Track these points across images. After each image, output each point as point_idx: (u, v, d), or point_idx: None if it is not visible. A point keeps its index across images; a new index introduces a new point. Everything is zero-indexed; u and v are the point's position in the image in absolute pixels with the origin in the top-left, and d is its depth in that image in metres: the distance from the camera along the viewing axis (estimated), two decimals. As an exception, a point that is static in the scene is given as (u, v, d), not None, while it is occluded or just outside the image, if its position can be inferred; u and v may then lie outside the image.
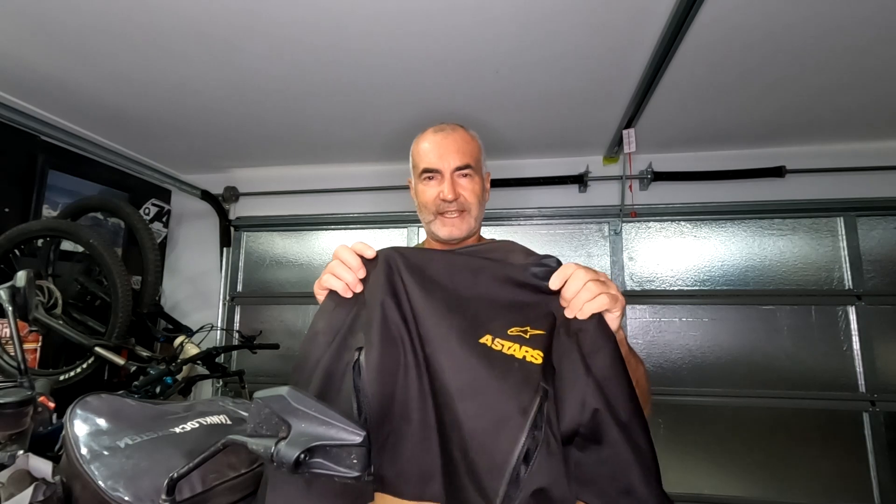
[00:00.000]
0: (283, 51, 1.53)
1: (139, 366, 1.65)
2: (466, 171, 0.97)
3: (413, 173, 1.04)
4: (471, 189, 0.98)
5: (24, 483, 0.55)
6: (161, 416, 0.62)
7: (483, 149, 1.03)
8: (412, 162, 1.04)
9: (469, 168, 0.97)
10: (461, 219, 0.98)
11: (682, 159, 2.37)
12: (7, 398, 0.61)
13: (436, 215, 0.99)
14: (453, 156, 0.96)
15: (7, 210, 1.95)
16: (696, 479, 2.18)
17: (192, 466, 0.48)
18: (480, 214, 1.01)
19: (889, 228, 2.22)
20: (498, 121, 2.05)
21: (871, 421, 2.08)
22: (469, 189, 0.97)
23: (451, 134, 0.99)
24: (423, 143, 1.00)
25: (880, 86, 1.71)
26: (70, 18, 1.38)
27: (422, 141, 1.01)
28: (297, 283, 2.71)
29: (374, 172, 2.64)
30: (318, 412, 0.46)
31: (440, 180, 0.97)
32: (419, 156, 1.00)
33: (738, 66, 1.58)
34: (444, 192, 0.96)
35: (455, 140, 0.98)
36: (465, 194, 0.97)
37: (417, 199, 1.03)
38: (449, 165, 0.96)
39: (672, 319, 2.32)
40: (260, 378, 2.56)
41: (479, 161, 1.00)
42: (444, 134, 0.99)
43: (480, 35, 1.44)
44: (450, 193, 0.95)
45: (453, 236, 0.98)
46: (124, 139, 2.32)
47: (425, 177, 0.99)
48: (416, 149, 1.03)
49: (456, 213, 0.97)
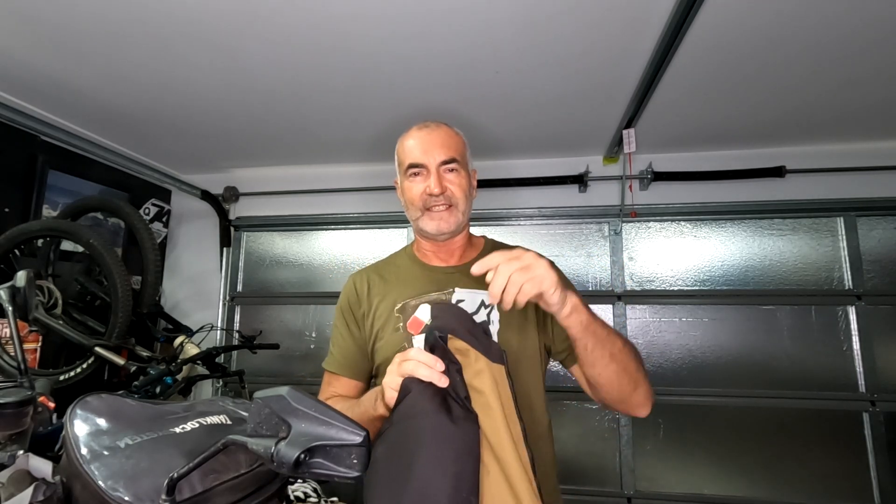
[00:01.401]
0: (283, 51, 1.53)
1: (139, 366, 1.65)
2: (452, 166, 0.96)
3: (399, 171, 1.03)
4: (458, 183, 0.97)
5: (24, 483, 0.55)
6: (161, 416, 0.61)
7: (468, 146, 1.03)
8: (397, 160, 1.03)
9: (455, 162, 0.96)
10: (449, 213, 0.97)
11: (682, 159, 2.37)
12: (7, 398, 0.61)
13: (423, 211, 0.98)
14: (438, 150, 0.96)
15: (7, 210, 1.95)
16: (696, 479, 2.18)
17: (192, 466, 0.47)
18: (468, 209, 1.01)
19: (889, 228, 2.22)
20: (498, 121, 2.06)
21: (871, 421, 2.08)
22: (456, 183, 0.97)
23: (435, 130, 0.99)
24: (408, 141, 0.99)
25: (880, 86, 1.71)
26: (70, 18, 1.38)
27: (406, 138, 1.00)
28: (297, 283, 2.71)
29: (375, 172, 2.64)
30: (318, 412, 0.46)
31: (426, 175, 0.96)
32: (404, 153, 1.00)
33: (738, 66, 1.58)
34: (430, 187, 0.95)
35: (440, 135, 0.98)
36: (451, 188, 0.96)
37: (404, 196, 1.03)
38: (434, 160, 0.95)
39: (672, 319, 2.32)
40: (260, 378, 2.56)
41: (464, 156, 1.00)
42: (429, 130, 0.98)
43: (480, 36, 1.44)
44: (436, 187, 0.94)
45: (441, 231, 0.98)
46: (124, 139, 2.32)
47: (411, 173, 0.98)
48: (400, 147, 1.02)
49: (444, 206, 0.96)
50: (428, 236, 1.02)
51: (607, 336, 0.80)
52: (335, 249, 2.70)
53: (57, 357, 2.03)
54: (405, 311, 0.96)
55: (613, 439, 2.26)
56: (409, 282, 1.01)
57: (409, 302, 0.97)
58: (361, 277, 1.07)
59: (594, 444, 2.28)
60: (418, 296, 0.97)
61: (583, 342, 0.79)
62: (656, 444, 2.24)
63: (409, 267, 1.06)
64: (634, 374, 0.83)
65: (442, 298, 0.95)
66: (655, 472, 2.22)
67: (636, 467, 2.22)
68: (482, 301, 0.95)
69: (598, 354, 0.80)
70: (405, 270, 1.05)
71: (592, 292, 2.37)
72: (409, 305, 0.96)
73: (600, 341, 0.79)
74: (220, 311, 2.72)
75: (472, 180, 1.03)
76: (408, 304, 0.97)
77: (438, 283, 0.99)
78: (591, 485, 2.24)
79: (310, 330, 2.64)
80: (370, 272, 1.09)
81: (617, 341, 0.82)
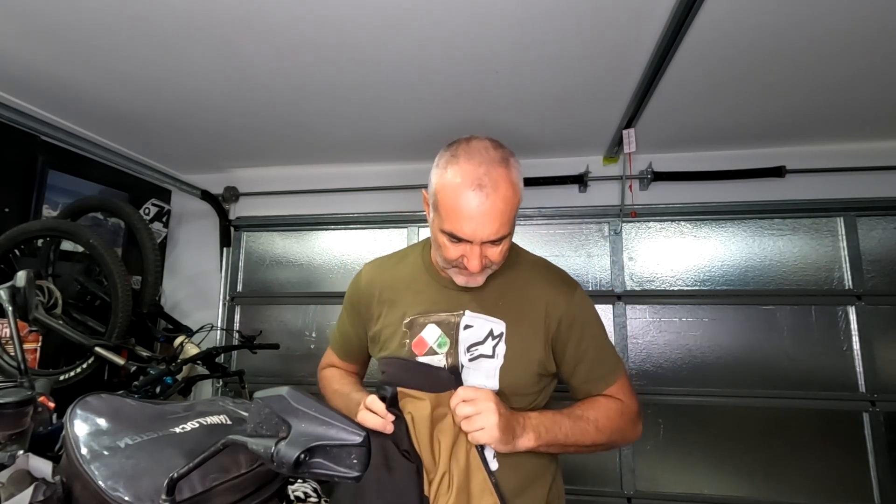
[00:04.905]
0: (283, 50, 1.53)
1: (139, 366, 1.65)
2: (497, 242, 0.85)
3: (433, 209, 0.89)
4: (500, 252, 0.87)
5: (24, 483, 0.55)
6: (161, 416, 0.61)
7: (522, 190, 0.88)
8: (435, 198, 0.86)
9: (504, 239, 0.85)
10: (483, 275, 0.90)
11: (682, 159, 2.37)
12: (7, 398, 0.61)
13: (453, 266, 0.90)
14: (489, 228, 0.81)
15: (7, 210, 1.95)
16: (696, 479, 2.18)
17: (192, 466, 0.48)
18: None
19: (889, 228, 2.22)
20: (498, 121, 2.05)
21: (871, 421, 2.08)
22: (498, 252, 0.87)
23: (492, 198, 0.80)
24: (457, 199, 0.81)
25: (880, 86, 1.71)
26: (70, 18, 1.38)
27: (455, 191, 0.81)
28: (297, 283, 2.71)
29: (375, 172, 2.64)
30: (318, 412, 0.46)
31: (466, 247, 0.85)
32: (447, 210, 0.83)
33: (738, 65, 1.58)
34: (469, 261, 0.85)
35: (496, 206, 0.80)
36: (492, 258, 0.87)
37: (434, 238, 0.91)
38: (482, 238, 0.83)
39: (672, 319, 2.32)
40: (260, 378, 2.56)
41: (514, 219, 0.86)
42: (484, 197, 0.80)
43: (480, 35, 1.44)
44: (476, 264, 0.84)
45: (470, 285, 0.91)
46: (124, 139, 2.32)
47: (450, 237, 0.85)
48: (443, 193, 0.83)
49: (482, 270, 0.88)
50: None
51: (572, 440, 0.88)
52: (335, 249, 2.70)
53: (57, 357, 2.03)
54: (413, 327, 0.95)
55: (613, 439, 2.26)
56: (421, 294, 0.98)
57: (418, 319, 0.95)
58: (372, 275, 1.06)
59: (594, 444, 2.28)
60: (427, 313, 0.95)
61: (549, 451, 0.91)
62: (656, 444, 2.24)
63: (422, 277, 1.01)
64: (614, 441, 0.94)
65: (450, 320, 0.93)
66: (655, 472, 2.22)
67: (636, 467, 2.22)
68: (491, 331, 0.92)
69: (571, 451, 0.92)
70: (418, 280, 1.00)
71: (592, 292, 2.37)
72: (416, 323, 0.95)
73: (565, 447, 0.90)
74: (220, 311, 2.72)
75: None
76: (416, 322, 0.95)
77: (450, 302, 0.95)
78: (591, 485, 2.24)
79: (310, 330, 2.64)
80: (383, 271, 1.06)
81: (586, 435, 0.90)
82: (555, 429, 0.86)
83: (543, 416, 0.88)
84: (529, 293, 0.96)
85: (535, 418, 0.86)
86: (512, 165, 0.86)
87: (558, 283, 0.98)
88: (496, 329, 0.92)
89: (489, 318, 0.93)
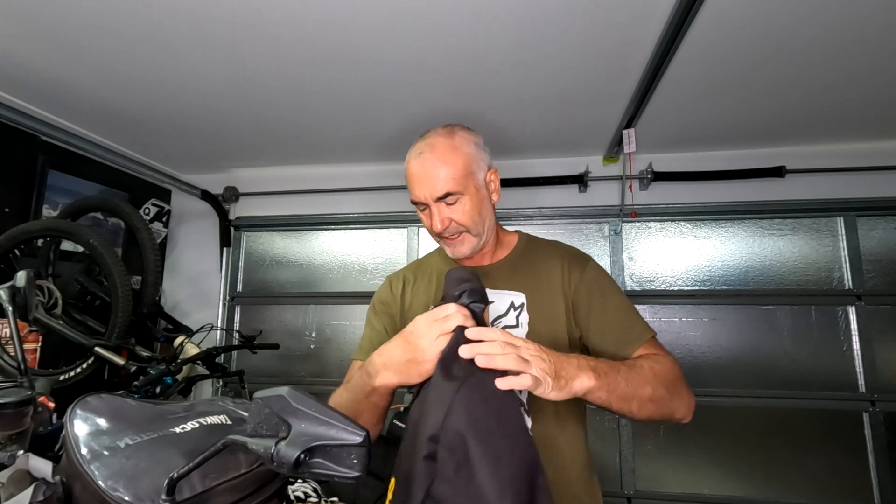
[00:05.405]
0: (283, 50, 1.53)
1: (139, 366, 1.65)
2: (450, 199, 0.92)
3: None
4: (461, 211, 0.93)
5: (24, 483, 0.55)
6: (161, 416, 0.61)
7: (478, 149, 0.96)
8: None
9: (451, 195, 0.91)
10: (461, 240, 0.96)
11: (682, 159, 2.37)
12: (7, 398, 0.61)
13: (438, 238, 0.99)
14: (433, 185, 0.91)
15: (7, 210, 1.95)
16: (696, 479, 2.18)
17: (192, 466, 0.47)
18: (485, 223, 0.97)
19: (889, 228, 2.22)
20: (497, 121, 2.05)
21: (871, 421, 2.08)
22: (459, 212, 0.93)
23: (428, 157, 0.91)
24: (408, 170, 0.96)
25: (880, 85, 1.71)
26: (70, 18, 1.38)
27: (407, 162, 0.96)
28: (297, 283, 2.71)
29: (374, 172, 2.64)
30: (318, 412, 0.46)
31: (429, 211, 0.95)
32: (407, 181, 0.97)
33: (738, 65, 1.58)
34: (434, 224, 0.94)
35: (434, 165, 0.90)
36: (454, 218, 0.93)
37: None
38: (430, 196, 0.92)
39: (672, 319, 2.32)
40: (260, 378, 2.56)
41: (465, 177, 0.92)
42: (423, 158, 0.92)
43: (479, 35, 1.44)
44: (438, 224, 0.93)
45: (458, 255, 0.98)
46: (124, 139, 2.32)
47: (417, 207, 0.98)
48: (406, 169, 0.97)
49: (455, 235, 0.96)
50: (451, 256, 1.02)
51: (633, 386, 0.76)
52: (335, 249, 2.70)
53: (57, 357, 2.03)
54: None
55: (613, 439, 2.26)
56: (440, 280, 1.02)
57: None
58: (398, 277, 1.11)
59: (594, 444, 2.27)
60: None
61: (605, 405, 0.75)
62: (656, 444, 2.24)
63: (441, 266, 1.07)
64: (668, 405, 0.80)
65: None
66: (655, 472, 2.22)
67: (636, 467, 2.22)
68: (511, 302, 0.96)
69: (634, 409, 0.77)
70: (438, 269, 1.07)
71: (592, 292, 2.36)
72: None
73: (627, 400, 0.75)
74: (220, 311, 2.72)
75: (490, 185, 0.99)
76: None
77: None
78: (591, 485, 2.24)
79: (310, 330, 2.64)
80: (406, 272, 1.12)
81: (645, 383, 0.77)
82: (613, 372, 0.74)
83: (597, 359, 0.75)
84: (543, 267, 1.00)
85: (591, 360, 0.74)
86: (456, 133, 0.95)
87: (571, 255, 1.02)
88: (517, 300, 0.96)
89: (508, 293, 0.97)
